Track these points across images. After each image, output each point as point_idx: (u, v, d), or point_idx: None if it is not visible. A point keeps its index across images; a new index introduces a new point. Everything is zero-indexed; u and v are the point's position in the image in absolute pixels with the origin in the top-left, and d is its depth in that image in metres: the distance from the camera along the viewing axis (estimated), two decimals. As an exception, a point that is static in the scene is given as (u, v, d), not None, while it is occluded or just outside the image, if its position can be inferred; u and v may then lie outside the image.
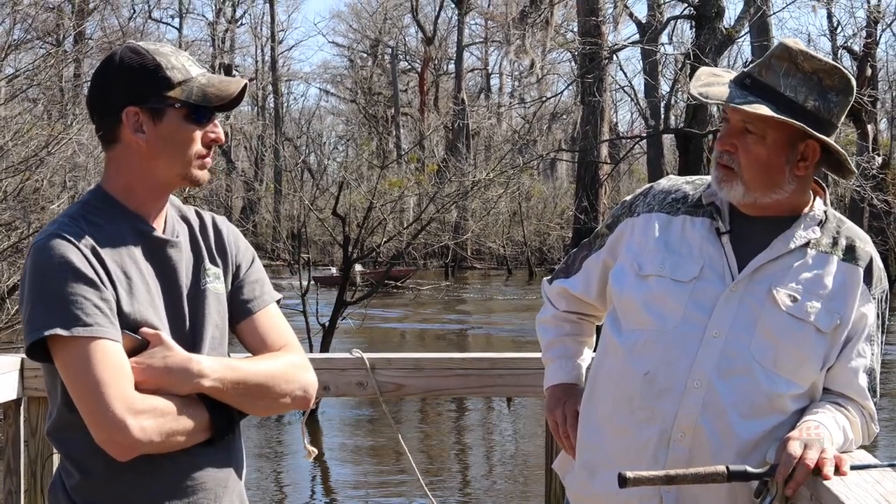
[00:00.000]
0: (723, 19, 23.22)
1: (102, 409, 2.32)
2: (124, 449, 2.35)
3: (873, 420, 2.81)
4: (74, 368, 2.34)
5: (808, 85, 2.69)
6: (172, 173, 2.53)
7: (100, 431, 2.34)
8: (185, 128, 2.51)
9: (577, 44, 25.68)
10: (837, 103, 2.71)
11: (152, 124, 2.48)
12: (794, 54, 2.70)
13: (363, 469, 12.78)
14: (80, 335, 2.33)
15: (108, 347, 2.35)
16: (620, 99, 47.66)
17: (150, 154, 2.50)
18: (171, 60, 2.51)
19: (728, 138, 2.74)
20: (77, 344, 2.34)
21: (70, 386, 2.37)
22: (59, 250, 2.38)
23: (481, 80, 65.71)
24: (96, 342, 2.34)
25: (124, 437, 2.33)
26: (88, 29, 35.35)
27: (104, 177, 2.57)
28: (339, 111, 71.73)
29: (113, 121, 2.49)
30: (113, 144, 2.52)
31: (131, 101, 2.47)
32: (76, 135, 14.79)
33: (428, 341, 25.20)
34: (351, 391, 3.96)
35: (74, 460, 2.48)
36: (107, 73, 2.51)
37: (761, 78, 2.72)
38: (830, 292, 2.74)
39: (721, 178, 2.76)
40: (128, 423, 2.32)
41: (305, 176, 52.33)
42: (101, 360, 2.34)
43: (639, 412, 2.76)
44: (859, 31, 33.87)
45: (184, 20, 61.48)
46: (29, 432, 3.89)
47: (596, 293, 3.06)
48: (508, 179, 24.43)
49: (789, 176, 2.74)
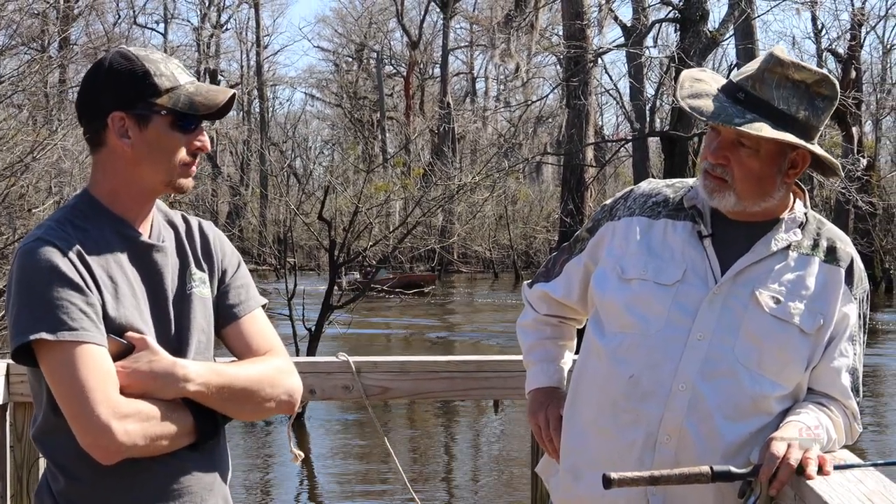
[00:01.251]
0: (707, 22, 23.30)
1: (87, 413, 2.32)
2: (109, 453, 2.35)
3: (856, 419, 2.82)
4: (60, 372, 2.34)
5: (798, 95, 2.71)
6: (157, 180, 2.53)
7: (85, 435, 2.34)
8: (171, 135, 2.51)
9: (562, 47, 25.71)
10: (824, 108, 2.74)
11: (138, 130, 2.48)
12: (785, 65, 2.70)
13: (349, 472, 12.77)
14: (66, 339, 2.33)
15: (93, 352, 2.35)
16: (606, 102, 47.81)
17: (135, 160, 2.50)
18: (160, 67, 2.51)
19: (721, 151, 2.74)
20: (62, 348, 2.34)
21: (55, 390, 2.37)
22: (46, 255, 2.39)
23: (467, 83, 65.78)
24: (82, 346, 2.34)
25: (109, 441, 2.33)
26: (73, 34, 35.25)
27: (91, 181, 2.57)
28: (324, 115, 71.74)
29: (99, 125, 2.50)
30: (99, 148, 2.53)
31: (118, 107, 2.48)
32: (61, 140, 14.78)
33: (414, 345, 25.17)
34: (337, 395, 3.96)
35: (60, 464, 2.47)
36: (96, 77, 2.52)
37: (755, 92, 2.71)
38: (813, 293, 2.76)
39: (713, 187, 2.76)
40: (112, 426, 2.32)
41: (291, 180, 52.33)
42: (86, 364, 2.34)
43: (623, 415, 2.77)
44: (843, 34, 34.09)
45: (169, 25, 61.55)
46: (15, 437, 3.88)
47: (577, 296, 3.07)
48: (494, 183, 24.46)
49: (780, 184, 2.76)
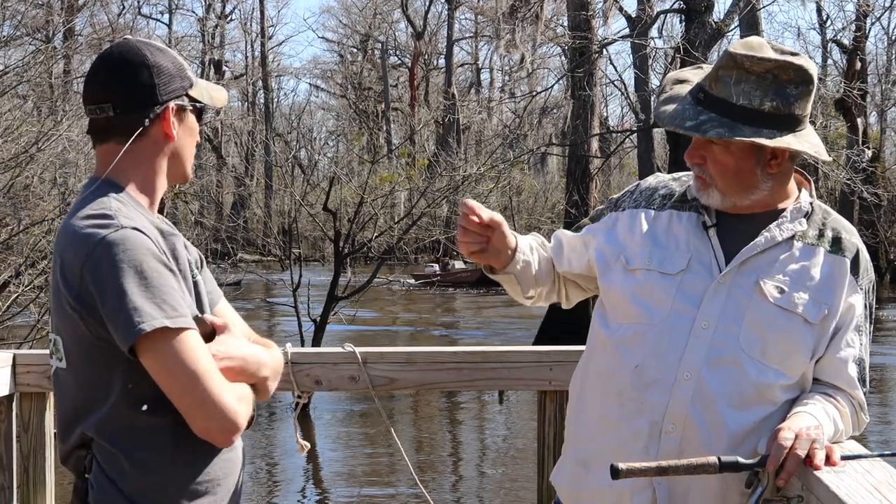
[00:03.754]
0: (712, 13, 23.21)
1: (214, 398, 2.37)
2: (231, 434, 2.44)
3: (863, 410, 2.82)
4: (181, 360, 2.35)
5: (763, 86, 2.67)
6: (185, 169, 2.63)
7: (207, 420, 2.39)
8: (196, 127, 2.62)
9: (566, 38, 25.63)
10: (798, 95, 2.70)
11: (178, 122, 2.56)
12: (739, 60, 2.68)
13: (355, 463, 12.79)
14: (182, 326, 2.35)
15: (198, 338, 2.41)
16: (611, 93, 47.61)
17: (176, 150, 2.58)
18: (183, 61, 2.60)
19: (695, 150, 2.78)
20: (179, 336, 2.35)
21: (174, 379, 2.36)
22: (140, 241, 2.37)
23: (471, 74, 65.71)
24: (191, 332, 2.38)
25: (233, 424, 2.42)
26: (78, 25, 35.31)
27: (114, 169, 2.52)
28: (329, 106, 71.74)
29: (151, 116, 2.51)
30: (139, 139, 2.51)
31: (170, 98, 2.54)
32: (66, 131, 14.78)
33: (419, 336, 25.19)
34: (343, 385, 3.96)
35: (135, 459, 2.44)
36: (137, 67, 2.51)
37: (713, 91, 2.72)
38: (818, 283, 2.75)
39: (698, 187, 2.81)
40: (237, 408, 2.42)
41: (296, 171, 52.37)
42: (202, 349, 2.39)
43: (629, 404, 2.77)
44: (848, 25, 34.04)
45: (173, 16, 61.47)
46: (21, 428, 3.89)
47: (565, 263, 3.05)
48: (499, 174, 24.40)
49: (762, 176, 2.75)
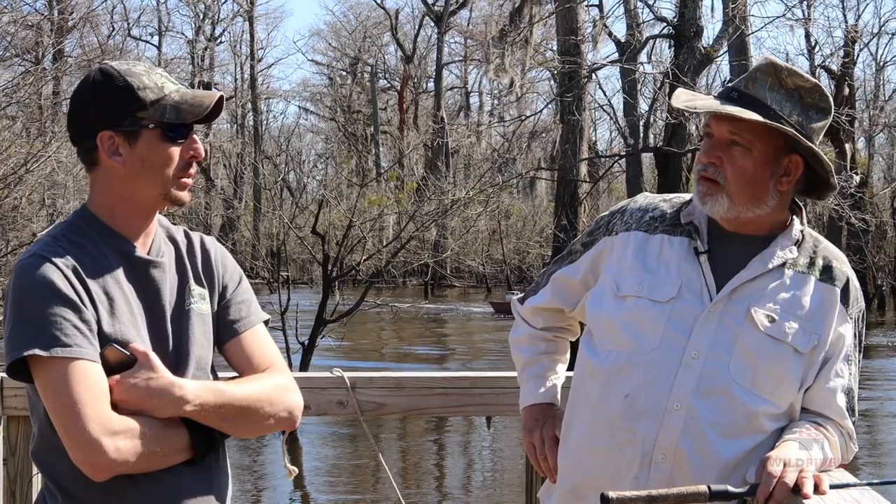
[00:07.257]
0: (701, 38, 23.34)
1: (78, 429, 2.32)
2: (99, 469, 2.34)
3: (852, 439, 2.82)
4: (52, 388, 2.35)
5: (791, 101, 2.71)
6: (153, 194, 2.52)
7: (76, 451, 2.34)
8: (162, 147, 2.50)
9: (556, 62, 25.73)
10: (817, 120, 2.74)
11: (128, 146, 2.48)
12: (779, 69, 2.72)
13: (343, 488, 12.74)
14: (59, 356, 2.34)
15: (86, 368, 2.35)
16: (600, 117, 47.68)
17: (129, 176, 2.50)
18: (142, 80, 2.49)
19: (714, 150, 2.73)
20: (55, 364, 2.34)
21: (48, 406, 2.37)
22: (40, 271, 2.39)
23: (461, 98, 65.82)
24: (75, 363, 2.35)
25: (99, 457, 2.32)
26: (68, 47, 35.32)
27: (89, 197, 2.57)
28: (318, 129, 71.70)
29: (90, 145, 2.49)
30: (94, 167, 2.52)
31: (105, 126, 2.47)
32: (55, 153, 14.78)
33: (407, 360, 25.15)
34: (331, 410, 3.94)
35: (57, 482, 2.47)
36: (81, 97, 2.51)
37: (748, 91, 2.73)
38: (808, 312, 2.75)
39: (705, 191, 2.75)
40: (103, 442, 2.32)
41: (285, 194, 52.35)
42: (78, 380, 2.34)
43: (619, 434, 2.75)
44: (837, 51, 34.14)
45: (163, 38, 61.38)
46: (8, 451, 3.86)
47: (568, 303, 3.05)
48: (488, 198, 24.46)
49: (773, 191, 2.74)
